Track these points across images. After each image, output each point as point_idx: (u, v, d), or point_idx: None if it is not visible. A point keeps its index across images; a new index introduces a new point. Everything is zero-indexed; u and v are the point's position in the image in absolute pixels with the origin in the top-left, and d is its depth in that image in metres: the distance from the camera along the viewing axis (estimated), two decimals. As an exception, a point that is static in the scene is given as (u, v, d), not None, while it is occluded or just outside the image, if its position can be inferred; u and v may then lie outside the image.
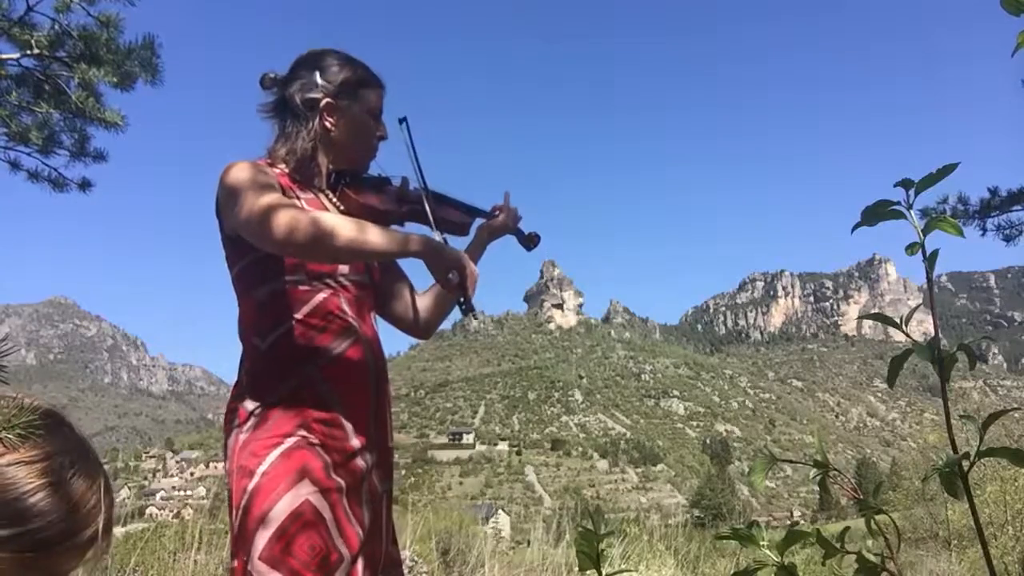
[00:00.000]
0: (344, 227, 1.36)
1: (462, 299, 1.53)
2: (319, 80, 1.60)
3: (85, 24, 5.12)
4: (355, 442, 1.48)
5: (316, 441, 1.43)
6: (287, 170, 1.60)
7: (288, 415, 1.44)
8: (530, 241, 1.85)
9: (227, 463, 1.46)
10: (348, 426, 1.47)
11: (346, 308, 1.55)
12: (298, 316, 1.50)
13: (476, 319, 1.58)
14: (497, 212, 1.83)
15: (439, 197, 1.73)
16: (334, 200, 1.63)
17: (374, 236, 1.38)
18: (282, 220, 1.34)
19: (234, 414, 1.48)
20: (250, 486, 1.37)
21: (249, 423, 1.45)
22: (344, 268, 1.57)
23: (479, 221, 1.82)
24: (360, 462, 1.48)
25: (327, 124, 1.62)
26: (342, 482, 1.43)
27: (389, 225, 1.62)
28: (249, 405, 1.46)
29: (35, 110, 5.48)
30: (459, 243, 1.74)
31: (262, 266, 1.51)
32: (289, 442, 1.41)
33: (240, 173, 1.47)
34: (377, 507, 1.53)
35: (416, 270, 1.82)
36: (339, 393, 1.48)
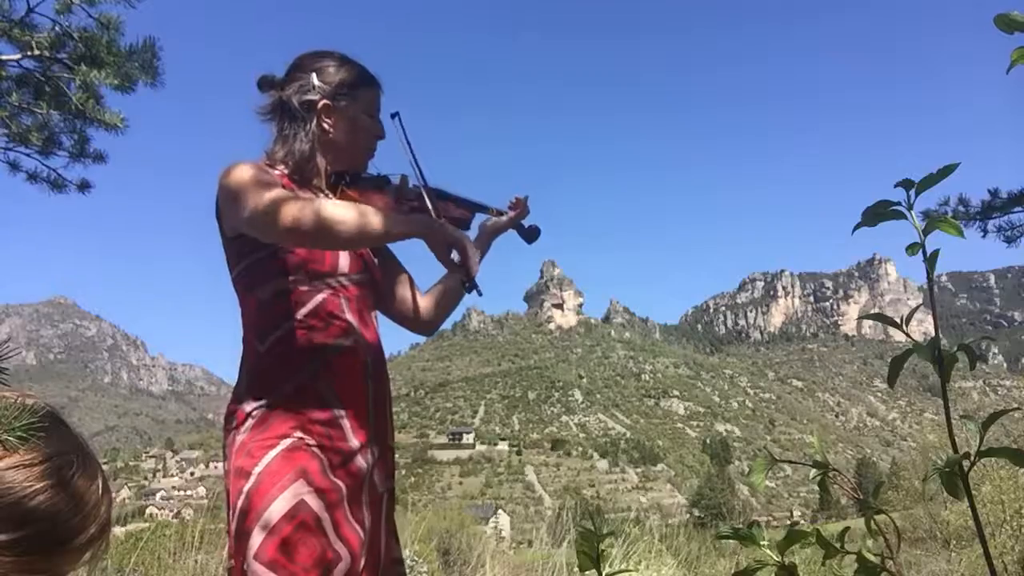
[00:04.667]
0: (347, 213, 1.39)
1: (465, 279, 1.54)
2: (316, 82, 1.62)
3: (86, 26, 5.10)
4: (354, 443, 1.49)
5: (313, 442, 1.44)
6: (286, 172, 1.62)
7: (285, 416, 1.45)
8: (530, 234, 1.86)
9: (225, 464, 1.49)
10: (347, 427, 1.49)
11: (346, 309, 1.56)
12: (298, 317, 1.51)
13: (480, 295, 1.61)
14: (509, 207, 1.85)
15: (439, 193, 1.74)
16: (334, 200, 1.62)
17: (377, 220, 1.41)
18: (288, 211, 1.36)
19: (232, 416, 1.50)
20: (246, 487, 1.39)
21: (247, 424, 1.47)
22: (344, 267, 1.58)
23: (480, 217, 1.84)
24: (359, 463, 1.49)
25: (324, 125, 1.63)
26: (340, 483, 1.45)
27: None
28: (247, 407, 1.48)
29: (35, 111, 5.48)
30: None
31: (262, 266, 1.53)
32: (285, 443, 1.43)
33: (242, 173, 1.48)
34: (377, 507, 1.54)
35: (416, 269, 1.89)
36: (338, 394, 1.50)
